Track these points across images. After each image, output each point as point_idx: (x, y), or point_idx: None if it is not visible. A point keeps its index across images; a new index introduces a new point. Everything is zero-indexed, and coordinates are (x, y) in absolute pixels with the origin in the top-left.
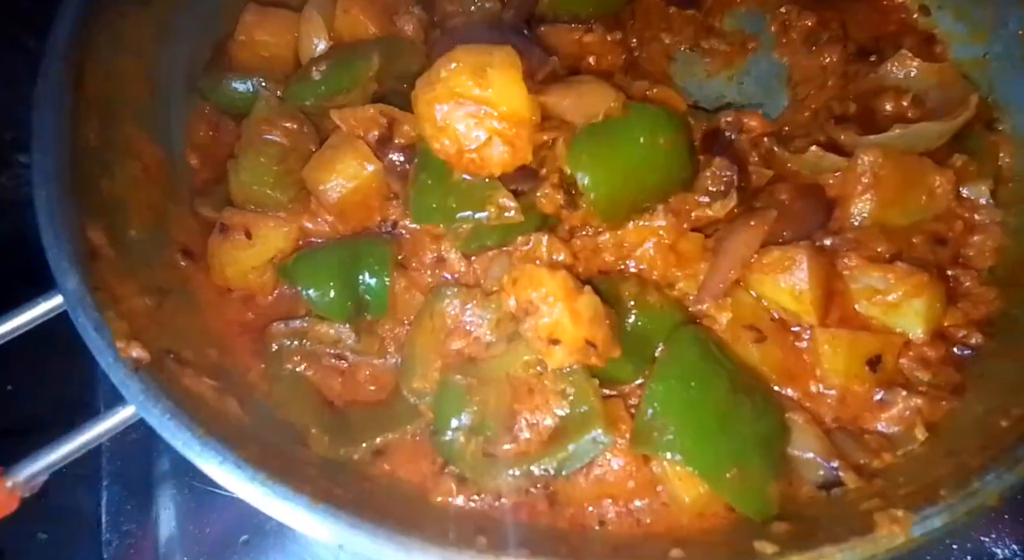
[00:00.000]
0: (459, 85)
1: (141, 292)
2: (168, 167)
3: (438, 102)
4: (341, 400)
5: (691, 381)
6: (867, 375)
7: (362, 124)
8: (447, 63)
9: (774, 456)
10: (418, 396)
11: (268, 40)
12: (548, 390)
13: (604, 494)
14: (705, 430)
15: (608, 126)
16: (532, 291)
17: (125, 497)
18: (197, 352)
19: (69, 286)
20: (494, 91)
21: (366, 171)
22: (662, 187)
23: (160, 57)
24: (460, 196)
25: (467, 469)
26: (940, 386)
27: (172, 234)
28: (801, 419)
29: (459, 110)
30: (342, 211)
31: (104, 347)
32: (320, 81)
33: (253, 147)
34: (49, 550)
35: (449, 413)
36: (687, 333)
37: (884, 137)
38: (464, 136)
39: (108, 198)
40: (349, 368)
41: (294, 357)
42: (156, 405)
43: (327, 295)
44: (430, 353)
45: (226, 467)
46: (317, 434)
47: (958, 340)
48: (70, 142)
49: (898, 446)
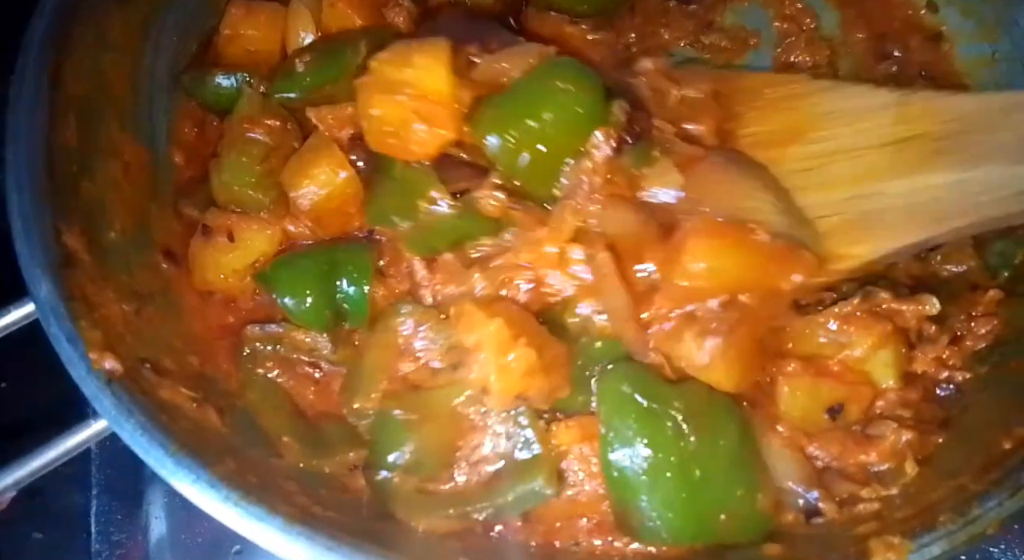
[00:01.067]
0: (384, 72)
1: (119, 299)
2: (151, 167)
3: (366, 91)
4: (313, 410)
5: (638, 443)
6: (824, 422)
7: (339, 123)
8: (378, 56)
9: (750, 469)
10: (358, 417)
11: (254, 34)
12: (491, 430)
13: (578, 513)
14: (676, 499)
15: (513, 87)
16: (468, 335)
17: (115, 506)
18: (177, 360)
19: (41, 294)
20: (414, 71)
21: (339, 178)
22: (576, 136)
23: (144, 53)
24: (398, 192)
25: (400, 508)
26: (926, 421)
27: (154, 236)
28: (776, 442)
29: (383, 95)
30: (317, 218)
31: (76, 358)
32: (305, 73)
33: (235, 146)
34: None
35: (385, 450)
36: (611, 389)
37: None
38: (385, 118)
39: (87, 200)
40: (323, 378)
41: (267, 362)
42: (128, 419)
43: (303, 304)
44: (378, 371)
45: (199, 486)
46: (289, 442)
47: (940, 380)
48: (46, 143)
49: (888, 482)
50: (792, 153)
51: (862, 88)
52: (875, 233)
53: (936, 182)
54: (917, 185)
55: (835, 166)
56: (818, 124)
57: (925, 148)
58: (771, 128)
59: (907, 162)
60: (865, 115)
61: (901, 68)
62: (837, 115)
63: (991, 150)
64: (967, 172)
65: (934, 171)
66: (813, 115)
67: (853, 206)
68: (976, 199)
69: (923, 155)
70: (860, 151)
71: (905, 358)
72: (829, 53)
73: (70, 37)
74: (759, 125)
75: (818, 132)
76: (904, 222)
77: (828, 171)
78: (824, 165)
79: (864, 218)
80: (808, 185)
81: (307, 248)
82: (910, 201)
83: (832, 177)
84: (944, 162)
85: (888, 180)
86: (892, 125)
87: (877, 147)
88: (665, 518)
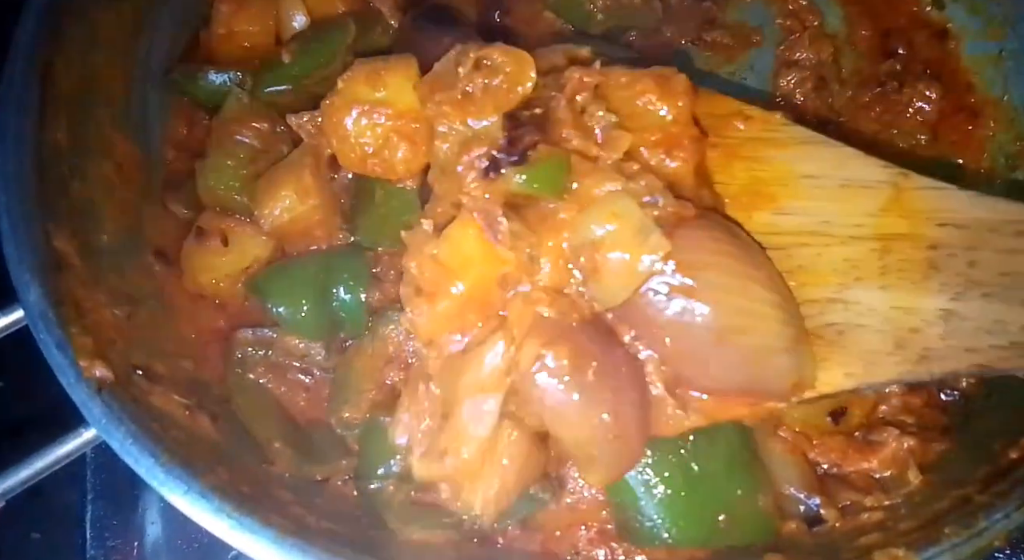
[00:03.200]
0: (355, 92)
1: (110, 303)
2: (144, 166)
3: (337, 113)
4: (304, 418)
5: None
6: (827, 426)
7: (321, 131)
8: (344, 76)
9: (750, 468)
10: (346, 428)
11: (248, 29)
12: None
13: (578, 521)
14: (676, 499)
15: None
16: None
17: (111, 511)
18: (169, 365)
19: (31, 299)
20: (387, 91)
21: (303, 206)
22: None
23: (137, 49)
24: (385, 215)
25: (393, 518)
26: (929, 428)
27: (146, 236)
28: (778, 447)
29: (357, 116)
30: (280, 237)
31: (66, 366)
32: (292, 63)
33: (222, 148)
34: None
35: (377, 458)
36: None
37: None
38: (364, 140)
39: (78, 202)
40: (315, 384)
41: (258, 367)
42: (119, 428)
43: (299, 313)
44: (365, 380)
45: (191, 497)
46: (280, 448)
47: (944, 386)
48: (36, 143)
49: (891, 490)
50: (757, 221)
51: (853, 153)
52: (847, 356)
53: (923, 307)
54: (900, 304)
55: (807, 251)
56: (794, 190)
57: (916, 256)
58: (737, 181)
59: (892, 269)
60: (852, 194)
61: (905, 66)
62: (819, 183)
63: (995, 279)
64: (961, 303)
65: (922, 293)
66: (790, 176)
67: (823, 312)
68: (969, 342)
69: (912, 265)
70: (839, 239)
71: None
72: (833, 50)
73: (61, 34)
74: (723, 174)
75: (793, 201)
76: (881, 351)
77: (799, 256)
78: (794, 246)
79: (834, 332)
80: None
81: (301, 254)
82: (892, 326)
83: (803, 264)
84: (935, 283)
85: (868, 288)
86: (881, 213)
87: (860, 239)
88: (665, 518)
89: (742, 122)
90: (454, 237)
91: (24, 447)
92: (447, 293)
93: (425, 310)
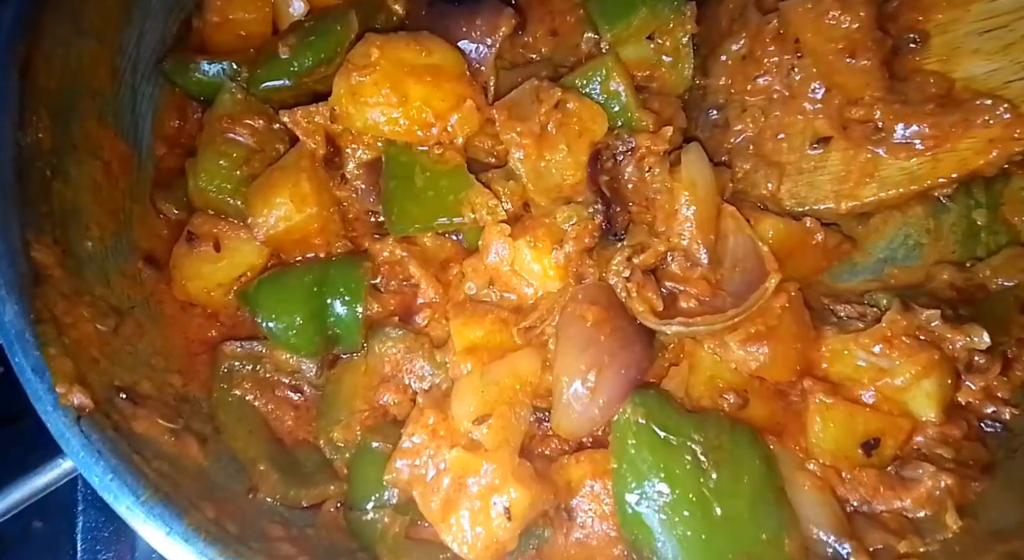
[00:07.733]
0: (400, 55)
1: (94, 316)
2: (133, 164)
3: (375, 83)
4: (291, 438)
5: (654, 478)
6: (859, 458)
7: (316, 128)
8: (368, 49)
9: (776, 509)
10: (334, 451)
11: (243, 17)
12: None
13: (588, 557)
14: (696, 540)
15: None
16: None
17: (102, 523)
18: (157, 382)
19: (6, 319)
20: (435, 57)
21: (301, 214)
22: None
23: (126, 38)
24: (432, 196)
25: (386, 553)
26: (968, 464)
27: (135, 240)
28: (806, 483)
29: (406, 81)
30: (276, 247)
31: (43, 392)
32: (291, 58)
33: (213, 146)
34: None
35: (368, 486)
36: (624, 420)
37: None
38: (420, 105)
39: (61, 206)
40: (304, 402)
41: (244, 383)
42: (98, 462)
43: (291, 329)
44: (356, 399)
45: (172, 538)
46: (265, 470)
47: (985, 415)
48: (15, 143)
49: (926, 534)
50: (974, 11)
51: None
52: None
53: None
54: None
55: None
56: None
57: None
58: None
59: None
60: None
61: None
62: None
63: None
64: None
65: None
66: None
67: None
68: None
69: None
70: None
71: (950, 390)
72: None
73: (41, 23)
74: None
75: None
76: None
77: (1015, 33)
78: (1012, 24)
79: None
80: (990, 49)
81: (296, 262)
82: None
83: (1018, 40)
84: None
85: None
86: None
87: None
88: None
89: None
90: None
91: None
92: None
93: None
